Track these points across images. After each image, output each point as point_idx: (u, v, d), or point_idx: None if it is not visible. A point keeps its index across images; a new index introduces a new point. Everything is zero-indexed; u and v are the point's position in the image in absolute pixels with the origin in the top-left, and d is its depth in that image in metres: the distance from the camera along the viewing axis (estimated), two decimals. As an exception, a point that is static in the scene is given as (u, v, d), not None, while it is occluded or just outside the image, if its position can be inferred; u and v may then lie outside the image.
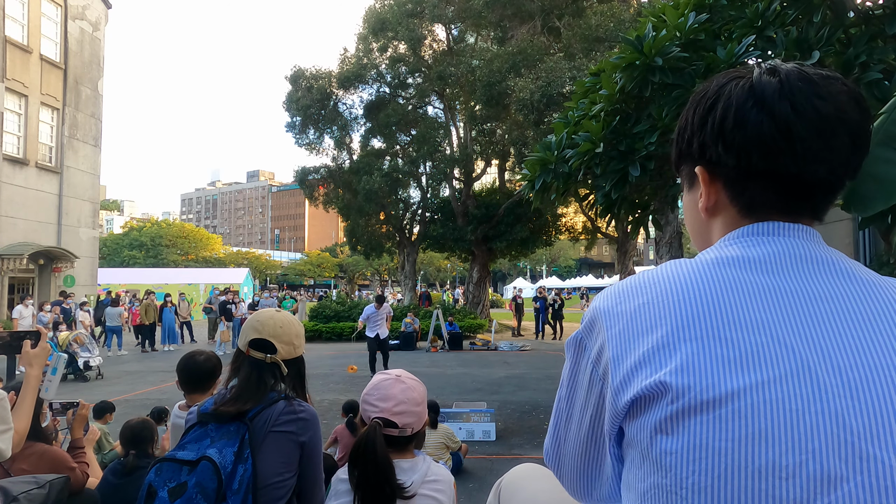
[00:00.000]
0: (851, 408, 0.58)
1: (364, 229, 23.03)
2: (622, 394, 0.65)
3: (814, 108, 0.66)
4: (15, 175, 17.54)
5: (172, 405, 2.77)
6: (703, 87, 0.75)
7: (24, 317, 14.27)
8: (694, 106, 0.76)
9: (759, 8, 3.63)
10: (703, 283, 0.66)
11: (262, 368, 1.75)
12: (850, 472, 0.55)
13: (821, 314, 0.63)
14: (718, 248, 0.72)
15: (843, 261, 0.68)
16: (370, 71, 21.36)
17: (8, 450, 1.77)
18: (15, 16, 17.82)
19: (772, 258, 0.68)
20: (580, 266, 67.38)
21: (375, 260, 33.22)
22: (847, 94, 0.68)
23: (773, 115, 0.67)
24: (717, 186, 0.74)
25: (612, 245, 23.32)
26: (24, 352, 2.16)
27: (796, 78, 0.68)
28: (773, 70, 0.70)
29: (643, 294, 0.68)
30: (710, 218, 0.77)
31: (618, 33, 12.52)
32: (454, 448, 5.36)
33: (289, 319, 1.85)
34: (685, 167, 0.80)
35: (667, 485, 0.60)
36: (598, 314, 0.71)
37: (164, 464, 1.59)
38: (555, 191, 5.06)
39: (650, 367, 0.63)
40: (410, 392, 1.60)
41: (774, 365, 0.60)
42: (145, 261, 54.64)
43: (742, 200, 0.72)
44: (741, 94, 0.70)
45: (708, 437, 0.59)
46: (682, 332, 0.63)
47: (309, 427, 1.72)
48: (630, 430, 0.66)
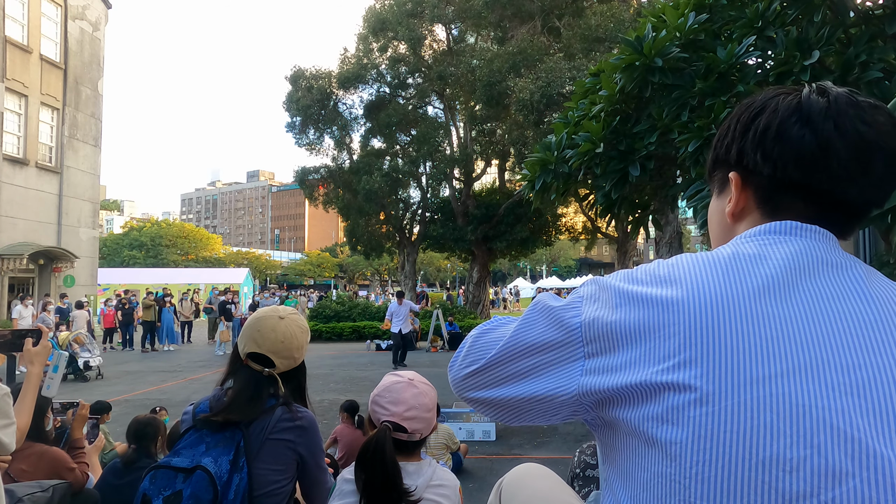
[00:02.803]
0: (858, 406, 0.58)
1: (364, 229, 23.04)
2: (615, 374, 0.66)
3: (856, 130, 0.68)
4: (15, 175, 17.54)
5: (172, 405, 2.77)
6: (751, 99, 0.78)
7: (24, 317, 14.26)
8: (738, 115, 0.78)
9: (759, 8, 3.63)
10: (714, 277, 0.67)
11: (260, 381, 1.70)
12: (855, 468, 0.56)
13: (831, 314, 0.63)
14: (735, 244, 0.73)
15: (858, 265, 0.69)
16: (370, 71, 21.38)
17: (11, 444, 1.78)
18: (15, 16, 17.81)
19: (787, 258, 0.68)
20: (580, 266, 67.39)
21: (375, 260, 33.24)
22: (890, 124, 0.70)
23: (816, 132, 0.69)
24: (747, 193, 0.77)
25: (612, 245, 23.33)
26: (26, 350, 2.17)
27: (845, 101, 0.70)
28: (824, 91, 0.72)
29: (657, 284, 0.68)
30: (736, 223, 0.79)
31: (618, 34, 12.52)
32: (454, 448, 5.37)
33: (291, 332, 1.75)
34: (719, 172, 0.81)
35: (671, 473, 0.61)
36: (610, 293, 0.70)
37: (159, 471, 1.56)
38: (555, 191, 5.06)
39: (657, 357, 0.64)
40: (422, 397, 1.58)
41: (783, 360, 0.60)
42: (145, 261, 54.62)
43: (769, 206, 0.75)
44: (787, 108, 0.72)
45: (714, 428, 0.59)
46: (693, 326, 0.63)
47: (307, 435, 1.69)
48: (627, 418, 0.65)
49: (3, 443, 1.75)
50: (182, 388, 10.27)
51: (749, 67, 3.80)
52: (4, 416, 1.77)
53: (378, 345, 16.32)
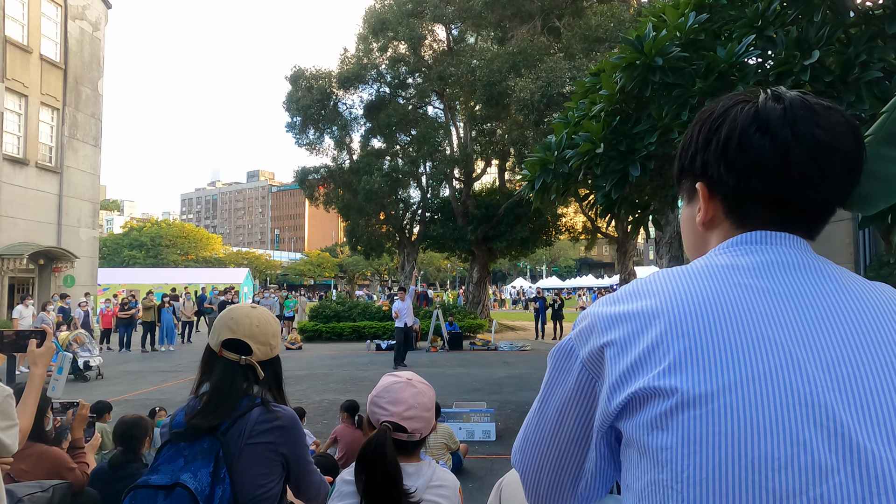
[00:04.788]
0: (840, 401, 0.59)
1: (364, 229, 23.04)
2: (618, 392, 0.67)
3: (812, 135, 0.70)
4: (15, 175, 17.53)
5: (172, 405, 2.76)
6: (711, 108, 0.79)
7: (24, 317, 14.25)
8: (699, 125, 0.78)
9: (759, 8, 3.63)
10: (691, 285, 0.69)
11: (236, 371, 1.65)
12: (839, 462, 0.56)
13: (807, 314, 0.65)
14: (709, 256, 0.75)
15: (829, 266, 0.71)
16: (370, 71, 21.38)
17: (14, 445, 1.78)
18: (15, 16, 17.81)
19: (761, 265, 0.70)
20: (580, 266, 67.39)
21: (375, 260, 33.23)
22: (844, 125, 0.71)
23: (775, 140, 0.70)
24: (715, 203, 0.78)
25: (612, 245, 23.34)
26: (30, 351, 2.18)
27: (800, 106, 0.71)
28: (779, 97, 0.73)
29: (637, 299, 0.70)
30: (707, 231, 0.80)
31: (618, 33, 12.53)
32: (454, 448, 5.37)
33: (265, 318, 1.74)
34: (686, 182, 0.82)
35: (663, 480, 0.61)
36: (593, 319, 0.73)
37: (139, 491, 1.51)
38: (555, 191, 5.06)
39: (646, 367, 0.65)
40: (421, 397, 1.57)
41: (764, 360, 0.61)
42: (145, 261, 54.64)
43: (737, 215, 0.76)
44: (746, 117, 0.73)
45: (702, 431, 0.60)
46: (675, 332, 0.65)
47: (287, 433, 1.65)
48: (627, 429, 0.67)
49: (6, 444, 1.75)
50: (182, 388, 10.26)
51: (749, 67, 3.81)
52: (7, 417, 1.77)
53: (378, 345, 16.32)
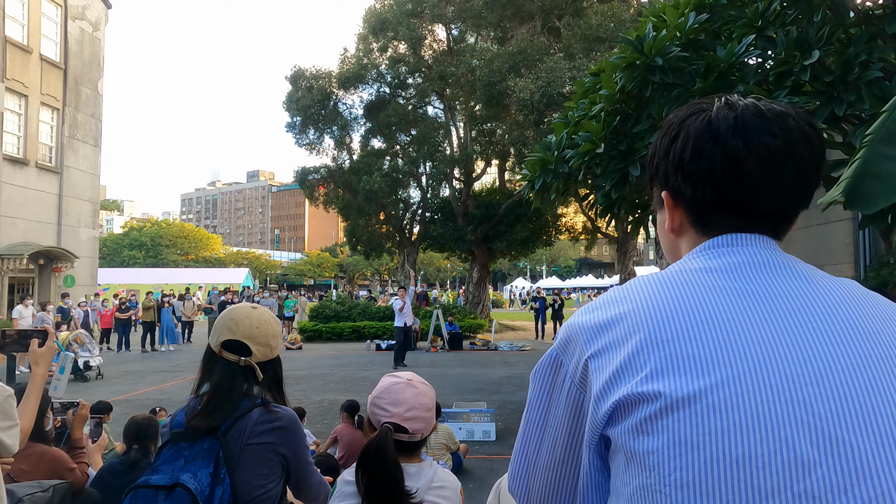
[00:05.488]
0: (818, 395, 0.60)
1: (364, 229, 23.04)
2: (603, 401, 0.67)
3: (763, 143, 0.70)
4: (15, 175, 17.54)
5: (172, 405, 2.76)
6: (671, 118, 0.80)
7: (24, 317, 14.25)
8: (662, 135, 0.79)
9: (759, 8, 3.63)
10: (669, 292, 0.69)
11: (236, 372, 1.65)
12: (821, 456, 0.57)
13: (781, 312, 0.66)
14: (683, 261, 0.76)
15: (798, 264, 0.72)
16: (370, 71, 21.37)
17: (15, 445, 1.78)
18: (15, 16, 17.81)
19: (732, 266, 0.71)
20: (580, 266, 67.36)
21: (375, 260, 33.24)
22: (798, 129, 0.71)
23: (725, 150, 0.71)
24: (679, 211, 0.79)
25: (612, 245, 23.33)
26: (31, 351, 2.17)
27: (752, 113, 0.72)
28: (732, 105, 0.74)
29: (615, 307, 0.71)
30: (678, 237, 0.82)
31: (618, 33, 12.52)
32: (454, 448, 5.37)
33: (265, 318, 1.73)
34: (655, 189, 0.84)
35: (651, 484, 0.61)
36: (574, 330, 0.73)
37: (139, 491, 1.52)
38: (555, 191, 5.06)
39: (629, 373, 0.65)
40: (422, 397, 1.57)
41: (742, 359, 0.62)
42: (145, 261, 54.64)
43: (700, 223, 0.77)
44: (700, 127, 0.74)
45: (686, 432, 0.60)
46: (655, 337, 0.65)
47: (287, 434, 1.65)
48: (614, 435, 0.67)
49: (6, 444, 1.75)
50: (182, 388, 10.26)
51: (749, 67, 3.81)
52: (8, 417, 1.77)
53: (378, 345, 16.32)
